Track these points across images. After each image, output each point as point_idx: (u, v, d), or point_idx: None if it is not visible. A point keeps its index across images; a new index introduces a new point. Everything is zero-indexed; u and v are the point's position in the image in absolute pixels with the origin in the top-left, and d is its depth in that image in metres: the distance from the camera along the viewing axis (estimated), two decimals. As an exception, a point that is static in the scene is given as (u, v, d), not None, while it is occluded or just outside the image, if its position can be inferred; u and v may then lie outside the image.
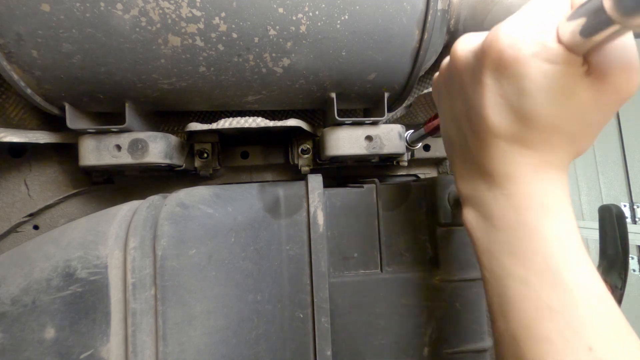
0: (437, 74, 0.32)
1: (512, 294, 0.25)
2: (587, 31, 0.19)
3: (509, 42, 0.22)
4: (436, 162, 0.62)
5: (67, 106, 0.40)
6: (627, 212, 1.91)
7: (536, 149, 0.24)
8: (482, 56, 0.23)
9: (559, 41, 0.21)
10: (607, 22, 0.17)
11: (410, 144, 0.50)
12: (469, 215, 0.29)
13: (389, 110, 0.48)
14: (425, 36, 0.39)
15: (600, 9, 0.17)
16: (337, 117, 0.44)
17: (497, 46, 0.22)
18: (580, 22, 0.19)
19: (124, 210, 0.37)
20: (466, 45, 0.26)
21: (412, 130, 0.49)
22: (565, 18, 0.21)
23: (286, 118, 0.45)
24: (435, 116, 0.42)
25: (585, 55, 0.21)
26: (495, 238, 0.26)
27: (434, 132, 0.43)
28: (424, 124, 0.45)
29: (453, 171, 0.31)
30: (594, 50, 0.21)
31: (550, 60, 0.21)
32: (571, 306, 0.23)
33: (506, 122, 0.23)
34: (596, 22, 0.18)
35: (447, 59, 0.29)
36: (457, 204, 0.44)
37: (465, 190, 0.29)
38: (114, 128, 0.41)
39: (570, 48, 0.21)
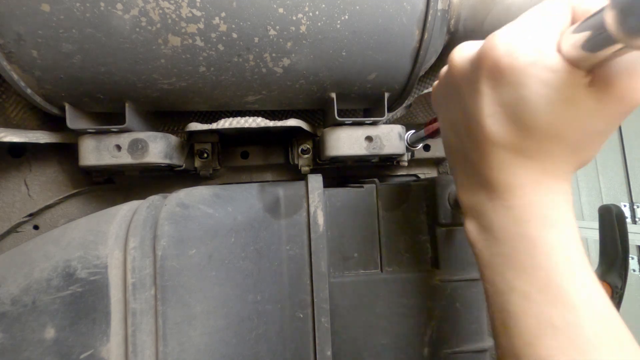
0: (436, 82, 0.32)
1: (514, 309, 0.24)
2: (591, 46, 0.18)
3: (505, 50, 0.21)
4: (436, 162, 0.62)
5: (67, 106, 0.40)
6: (627, 212, 1.91)
7: (537, 159, 0.23)
8: (478, 64, 0.23)
9: (559, 50, 0.21)
10: (612, 39, 0.17)
11: (410, 144, 0.50)
12: (470, 226, 0.28)
13: (389, 111, 0.48)
14: (426, 36, 0.39)
15: (604, 27, 0.16)
16: (337, 117, 0.44)
17: (494, 54, 0.22)
18: (584, 36, 0.19)
19: (124, 210, 0.37)
20: (463, 53, 0.26)
21: (413, 131, 0.49)
22: (569, 30, 0.20)
23: (286, 118, 0.45)
24: (436, 119, 0.42)
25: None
26: (497, 251, 0.26)
27: (434, 135, 0.43)
28: (424, 126, 0.44)
29: (454, 180, 0.31)
30: (598, 65, 0.20)
31: (549, 68, 0.20)
32: (575, 324, 0.22)
33: (505, 131, 0.23)
34: (600, 39, 0.18)
35: (445, 68, 0.29)
36: (457, 204, 0.44)
37: (466, 200, 0.29)
38: (114, 128, 0.41)
39: (573, 62, 0.20)
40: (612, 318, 0.23)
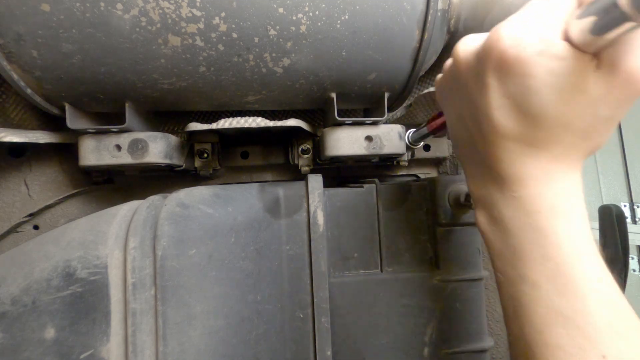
0: (439, 75, 0.32)
1: (525, 298, 0.25)
2: (599, 29, 0.19)
3: (510, 42, 0.21)
4: (436, 162, 0.62)
5: (67, 106, 0.40)
6: (627, 212, 1.91)
7: (546, 148, 0.23)
8: (484, 57, 0.23)
9: (565, 38, 0.21)
10: (621, 19, 0.17)
11: (412, 143, 0.49)
12: (481, 217, 0.28)
13: (389, 111, 0.48)
14: (426, 36, 0.39)
15: (614, 6, 0.17)
16: (337, 117, 0.44)
17: (499, 46, 0.22)
18: (590, 20, 0.19)
19: (124, 210, 0.37)
20: (468, 46, 0.26)
21: (414, 129, 0.49)
22: (574, 16, 0.20)
23: (286, 118, 0.45)
24: (438, 115, 0.41)
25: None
26: (507, 241, 0.26)
27: (437, 131, 0.43)
28: (426, 123, 0.44)
29: (464, 172, 0.31)
30: (605, 47, 0.20)
31: (556, 56, 0.20)
32: (584, 312, 0.22)
33: (513, 123, 0.23)
34: (608, 20, 0.18)
35: (449, 61, 0.29)
36: (457, 204, 0.44)
37: (476, 191, 0.29)
38: (114, 128, 0.41)
39: (580, 46, 0.20)
40: (622, 306, 0.23)
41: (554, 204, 0.24)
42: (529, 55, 0.21)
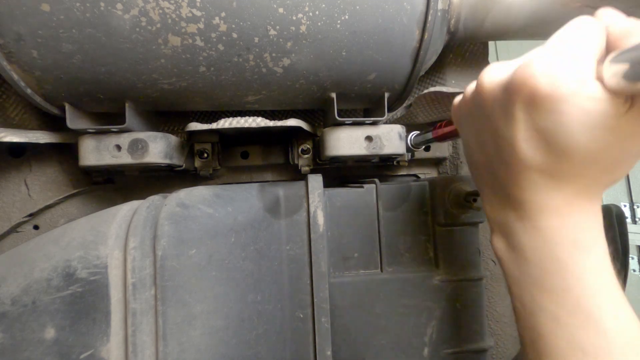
0: (458, 97, 0.31)
1: (544, 330, 0.25)
2: (632, 77, 0.19)
3: (545, 79, 0.21)
4: (436, 162, 0.62)
5: (67, 106, 0.40)
6: (627, 212, 1.91)
7: (570, 181, 0.23)
8: (514, 91, 0.23)
9: (599, 79, 0.21)
10: None
11: (414, 145, 0.49)
12: (499, 244, 0.28)
13: (389, 111, 0.48)
14: (426, 36, 0.39)
15: None
16: (337, 117, 0.44)
17: (532, 82, 0.22)
18: (624, 66, 0.19)
19: (124, 210, 0.37)
20: (494, 77, 0.25)
21: (418, 132, 0.49)
22: (608, 59, 0.20)
23: (286, 118, 0.45)
24: (446, 124, 0.41)
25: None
26: (526, 270, 0.26)
27: (443, 139, 0.42)
28: (432, 129, 0.43)
29: (481, 197, 0.31)
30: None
31: (591, 97, 0.20)
32: (605, 349, 0.22)
33: (539, 156, 0.23)
34: None
35: (471, 87, 0.29)
36: (457, 204, 0.44)
37: (494, 217, 0.29)
38: (114, 128, 0.41)
39: (613, 90, 0.20)
40: None
41: (576, 237, 0.24)
42: (563, 94, 0.21)
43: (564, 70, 0.21)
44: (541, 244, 0.25)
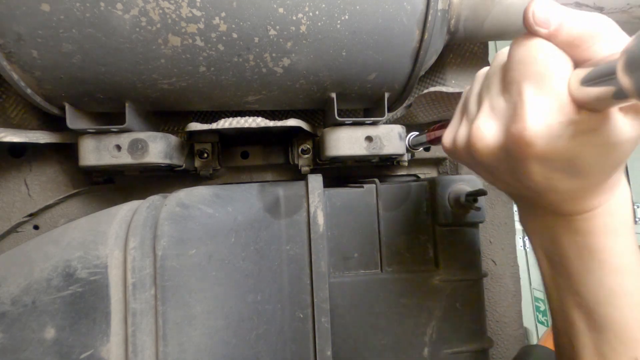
0: (447, 138, 0.31)
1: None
2: (616, 97, 0.19)
3: (543, 143, 0.22)
4: (436, 162, 0.62)
5: (67, 106, 0.40)
6: (627, 212, 1.90)
7: (594, 185, 0.25)
8: (518, 152, 0.23)
9: (579, 106, 0.21)
10: (625, 96, 0.18)
11: (412, 147, 0.49)
12: (539, 254, 0.31)
13: (389, 111, 0.48)
14: (426, 36, 0.39)
15: (619, 91, 0.18)
16: (337, 117, 0.44)
17: (532, 150, 0.22)
18: (596, 90, 0.20)
19: (124, 210, 0.37)
20: (486, 141, 0.25)
21: (416, 133, 0.49)
22: (576, 84, 0.21)
23: (286, 118, 0.45)
24: (440, 126, 0.40)
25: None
26: (562, 270, 0.29)
27: (436, 142, 0.42)
28: (426, 131, 0.43)
29: (517, 207, 0.33)
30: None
31: (585, 130, 0.21)
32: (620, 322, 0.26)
33: (563, 184, 0.24)
34: (615, 94, 0.19)
35: (461, 143, 0.29)
36: (457, 204, 0.44)
37: (530, 224, 0.31)
38: (114, 128, 0.41)
39: (592, 109, 0.21)
40: None
41: (605, 223, 0.26)
42: (565, 145, 0.22)
43: (550, 123, 0.22)
44: (575, 235, 0.27)
